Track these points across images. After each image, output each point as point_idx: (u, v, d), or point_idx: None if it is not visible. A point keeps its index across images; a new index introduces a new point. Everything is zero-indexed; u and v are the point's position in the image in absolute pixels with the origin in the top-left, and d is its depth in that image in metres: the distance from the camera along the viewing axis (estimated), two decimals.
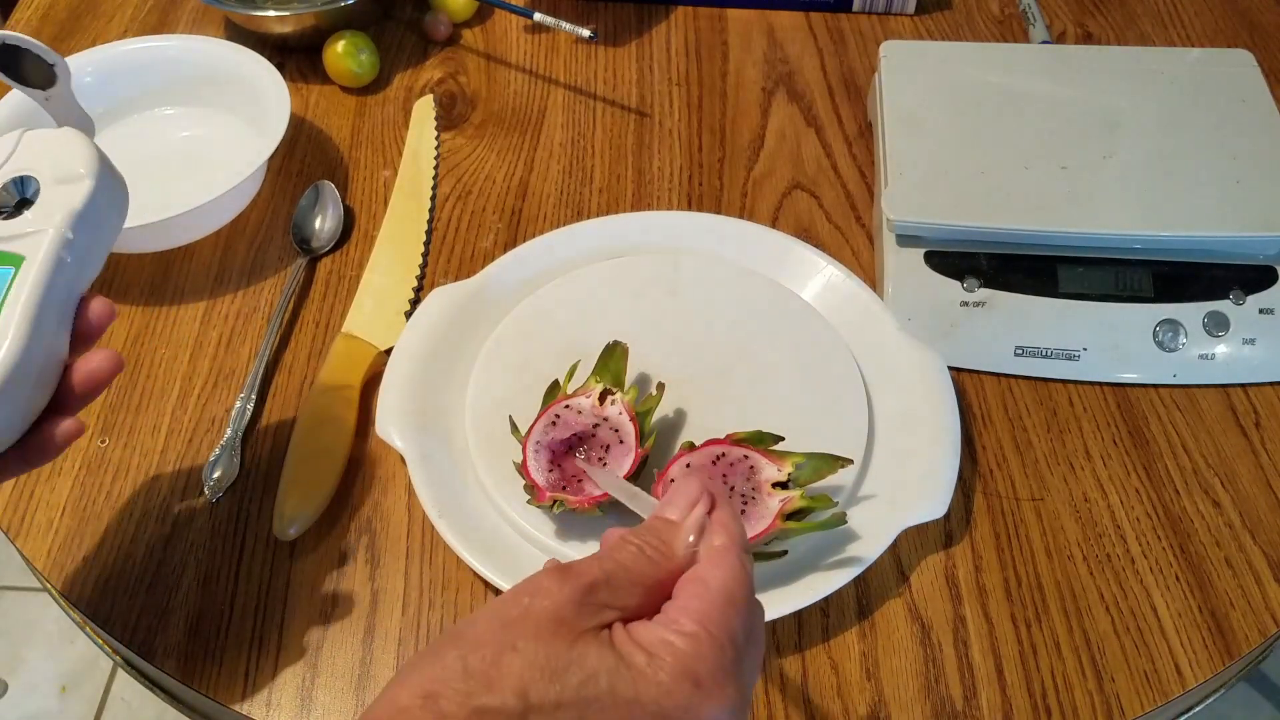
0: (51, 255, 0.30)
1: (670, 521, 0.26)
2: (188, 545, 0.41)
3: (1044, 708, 0.37)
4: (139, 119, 0.57)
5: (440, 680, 0.22)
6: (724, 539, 0.25)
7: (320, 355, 0.48)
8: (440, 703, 0.21)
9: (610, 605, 0.23)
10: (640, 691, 0.22)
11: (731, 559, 0.24)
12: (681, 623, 0.23)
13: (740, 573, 0.24)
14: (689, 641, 0.23)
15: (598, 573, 0.24)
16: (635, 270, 0.48)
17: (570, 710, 0.21)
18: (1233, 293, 0.46)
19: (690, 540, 0.25)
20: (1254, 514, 0.42)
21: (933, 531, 0.41)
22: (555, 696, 0.21)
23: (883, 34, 0.63)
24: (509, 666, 0.22)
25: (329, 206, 0.53)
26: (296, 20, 0.59)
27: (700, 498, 0.26)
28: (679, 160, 0.56)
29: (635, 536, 0.25)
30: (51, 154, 0.32)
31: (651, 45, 0.63)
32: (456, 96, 0.60)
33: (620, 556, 0.24)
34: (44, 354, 0.30)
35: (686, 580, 0.24)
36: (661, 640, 0.23)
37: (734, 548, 0.25)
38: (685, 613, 0.23)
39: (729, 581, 0.24)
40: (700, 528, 0.25)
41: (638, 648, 0.23)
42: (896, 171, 0.48)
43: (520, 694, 0.21)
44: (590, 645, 0.22)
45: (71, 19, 0.65)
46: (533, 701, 0.21)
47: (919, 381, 0.43)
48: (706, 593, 0.24)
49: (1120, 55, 0.55)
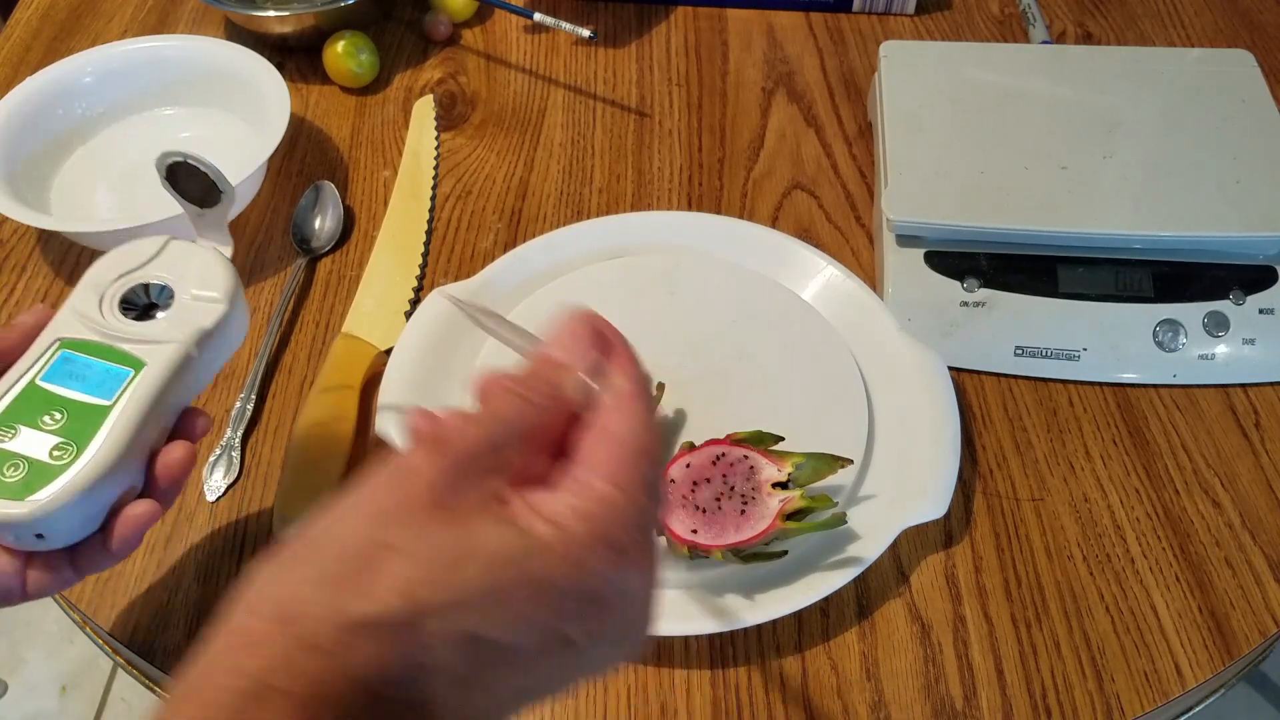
0: (172, 368, 0.31)
1: (560, 364, 0.21)
2: (188, 545, 0.41)
3: (1044, 708, 0.37)
4: (139, 119, 0.57)
5: (298, 597, 0.17)
6: (625, 381, 0.21)
7: (320, 355, 0.48)
8: (304, 624, 0.17)
9: (497, 470, 0.20)
10: (553, 570, 0.18)
11: (638, 404, 0.21)
12: (592, 484, 0.19)
13: (647, 417, 0.21)
14: (603, 505, 0.19)
15: (478, 435, 0.20)
16: (635, 270, 0.48)
17: (473, 609, 0.18)
18: (1233, 293, 0.46)
19: (584, 383, 0.21)
20: (1254, 514, 0.42)
21: (933, 531, 0.41)
22: (452, 594, 0.17)
23: (883, 34, 0.63)
24: (386, 568, 0.17)
25: (329, 207, 0.53)
26: (296, 20, 0.59)
27: (591, 332, 0.22)
28: (679, 160, 0.56)
29: (519, 385, 0.21)
30: (193, 269, 0.33)
31: (651, 45, 0.63)
32: (456, 96, 0.60)
33: (504, 412, 0.20)
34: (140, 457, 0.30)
35: (590, 431, 0.20)
36: (571, 507, 0.19)
37: (639, 392, 0.21)
38: (595, 471, 0.19)
39: (638, 429, 0.20)
40: (595, 368, 0.21)
41: (543, 520, 0.19)
42: (896, 171, 0.48)
43: (407, 596, 0.17)
44: (485, 525, 0.18)
45: (71, 19, 0.65)
46: (424, 604, 0.17)
47: (919, 382, 0.43)
48: (616, 446, 0.20)
49: (1120, 55, 0.55)
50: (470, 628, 0.18)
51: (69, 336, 0.31)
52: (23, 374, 0.30)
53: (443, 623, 0.17)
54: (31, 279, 0.51)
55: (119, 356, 0.31)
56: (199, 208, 0.35)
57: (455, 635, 0.18)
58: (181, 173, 0.34)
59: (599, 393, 0.21)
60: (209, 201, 0.35)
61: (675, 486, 0.37)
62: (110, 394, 0.30)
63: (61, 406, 0.29)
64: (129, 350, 0.31)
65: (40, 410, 0.29)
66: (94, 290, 0.32)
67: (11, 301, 0.51)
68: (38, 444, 0.29)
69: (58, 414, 0.29)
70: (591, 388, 0.21)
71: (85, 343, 0.31)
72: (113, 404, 0.30)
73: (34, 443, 0.29)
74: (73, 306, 0.32)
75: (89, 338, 0.31)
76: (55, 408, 0.29)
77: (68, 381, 0.30)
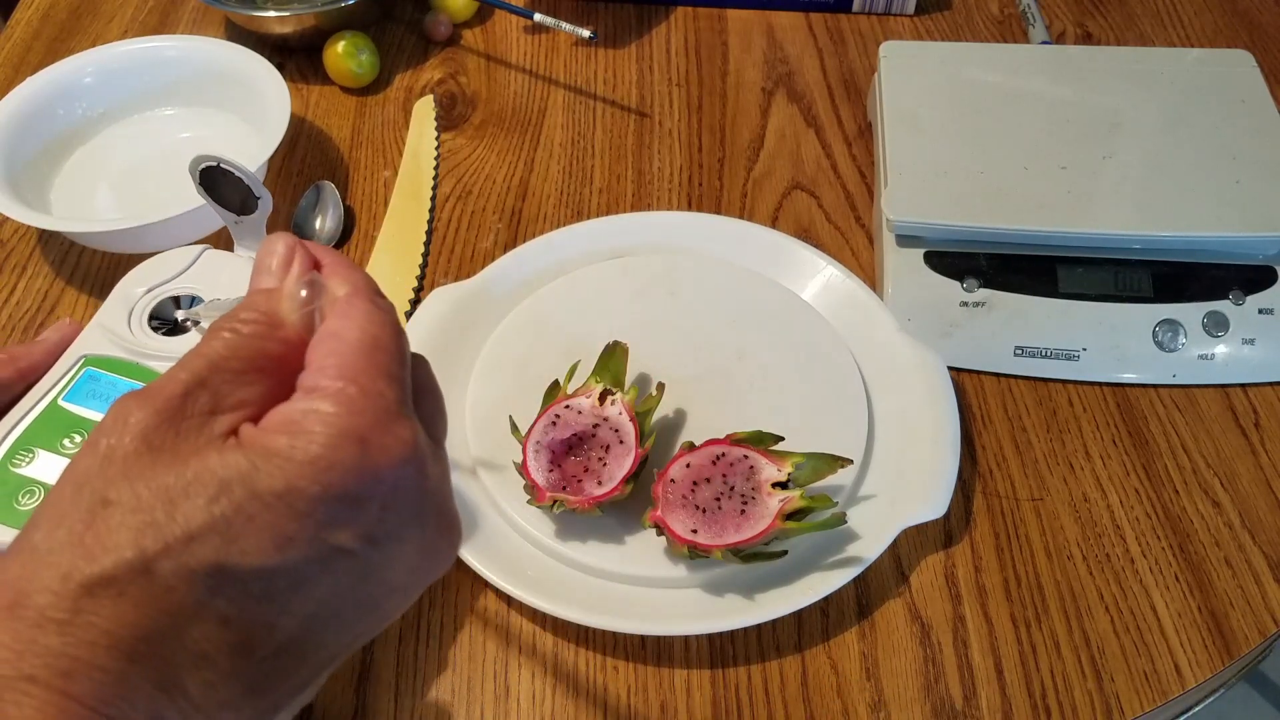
0: None
1: (268, 290, 0.20)
2: None
3: (1043, 707, 0.37)
4: (139, 119, 0.57)
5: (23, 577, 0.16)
6: (345, 287, 0.20)
7: None
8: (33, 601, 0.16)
9: (219, 409, 0.18)
10: (292, 477, 0.17)
11: (362, 304, 0.20)
12: (320, 383, 0.18)
13: (378, 314, 0.20)
14: (335, 401, 0.18)
15: (185, 377, 0.18)
16: (635, 270, 0.48)
17: (208, 536, 0.16)
18: (1232, 293, 0.46)
19: (301, 299, 0.20)
20: (1253, 514, 0.42)
21: (932, 531, 0.41)
22: (180, 530, 0.16)
23: (882, 34, 0.63)
24: (107, 524, 0.16)
25: (329, 207, 0.53)
26: (297, 20, 0.59)
27: (294, 252, 0.21)
28: (679, 160, 0.56)
29: (226, 321, 0.20)
30: (227, 278, 0.32)
31: (651, 46, 0.63)
32: (457, 97, 0.60)
33: (211, 349, 0.19)
34: None
35: (315, 342, 0.19)
36: (301, 411, 0.18)
37: (362, 292, 0.20)
38: (323, 373, 0.18)
39: (366, 326, 0.19)
40: (307, 283, 0.20)
41: (272, 433, 0.18)
42: (896, 172, 0.48)
43: (135, 546, 0.16)
44: (206, 456, 0.17)
45: (72, 19, 0.65)
46: (151, 548, 0.16)
47: (919, 381, 0.43)
48: (342, 345, 0.19)
49: (1120, 55, 0.55)
50: (211, 559, 0.16)
51: (95, 354, 0.30)
52: (44, 394, 0.29)
53: (177, 561, 0.16)
54: (32, 279, 0.51)
55: (145, 374, 0.29)
56: (235, 215, 0.34)
57: (198, 571, 0.16)
58: (215, 178, 0.34)
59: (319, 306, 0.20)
60: (245, 209, 0.34)
61: (675, 486, 0.37)
62: None
63: (82, 428, 0.28)
64: (156, 368, 0.29)
65: (60, 433, 0.28)
66: (123, 305, 0.31)
67: (12, 302, 0.51)
68: (55, 469, 0.27)
69: (78, 436, 0.28)
70: (306, 300, 0.20)
71: (112, 360, 0.29)
72: None
73: (51, 468, 0.27)
74: (100, 322, 0.31)
75: (116, 355, 0.29)
76: (76, 429, 0.28)
77: (90, 401, 0.29)
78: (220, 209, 0.34)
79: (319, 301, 0.20)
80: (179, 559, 0.16)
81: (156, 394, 0.18)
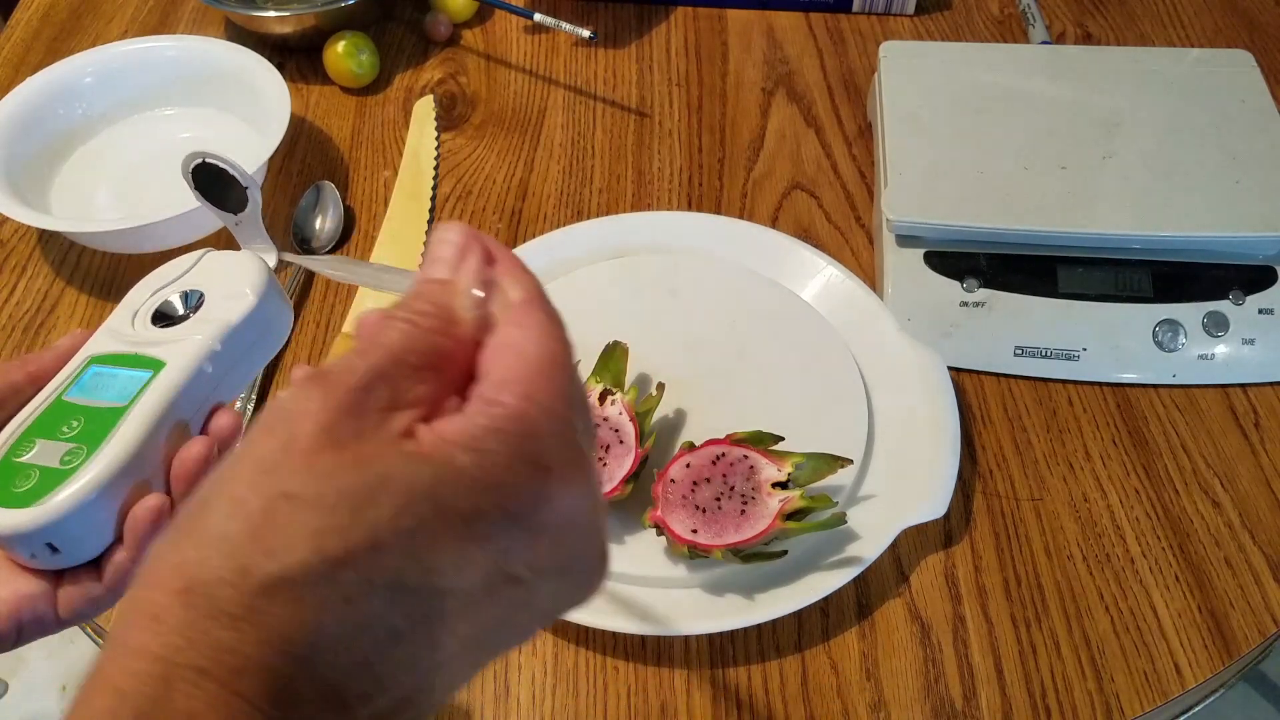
0: (192, 365, 0.30)
1: (443, 281, 0.20)
2: None
3: (1043, 708, 0.37)
4: (139, 119, 0.57)
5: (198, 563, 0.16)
6: (520, 292, 0.19)
7: (321, 356, 0.48)
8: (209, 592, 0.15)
9: (396, 405, 0.17)
10: (473, 497, 0.17)
11: (539, 314, 0.19)
12: (503, 400, 0.18)
13: (553, 328, 0.19)
14: (517, 422, 0.17)
15: (365, 368, 0.18)
16: (635, 270, 0.48)
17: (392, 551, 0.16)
18: (1232, 293, 0.46)
19: (475, 297, 0.19)
20: (1253, 514, 0.42)
21: (932, 531, 0.41)
22: (367, 537, 0.16)
23: (882, 34, 0.63)
24: (288, 520, 0.16)
25: (329, 207, 0.53)
26: (297, 20, 0.59)
27: (470, 245, 0.20)
28: (679, 161, 0.56)
29: (403, 311, 0.19)
30: (226, 273, 0.32)
31: (651, 46, 0.63)
32: (457, 97, 0.60)
33: (389, 339, 0.18)
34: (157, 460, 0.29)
35: (493, 350, 0.19)
36: (484, 428, 0.17)
37: (536, 300, 0.19)
38: (503, 388, 0.18)
39: (544, 340, 0.19)
40: (482, 280, 0.19)
41: (455, 446, 0.17)
42: (896, 172, 0.48)
43: (316, 548, 0.16)
44: (390, 460, 0.17)
45: (72, 19, 0.65)
46: (336, 553, 0.16)
47: (919, 382, 0.43)
48: (522, 360, 0.18)
49: (1120, 55, 0.55)
50: (393, 572, 0.16)
51: (99, 352, 0.30)
52: (51, 393, 0.29)
53: (361, 571, 0.16)
54: (32, 279, 0.51)
55: (141, 361, 0.30)
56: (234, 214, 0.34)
57: (379, 583, 0.16)
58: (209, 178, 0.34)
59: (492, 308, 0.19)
60: (242, 205, 0.34)
61: (675, 486, 0.37)
62: (127, 396, 0.29)
63: (80, 415, 0.29)
64: (152, 354, 0.30)
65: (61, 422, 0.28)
66: (129, 309, 0.32)
67: (12, 302, 0.51)
68: (51, 452, 0.28)
69: (75, 422, 0.28)
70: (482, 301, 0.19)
71: (112, 355, 0.30)
72: (128, 405, 0.29)
73: (48, 452, 0.28)
74: (107, 326, 0.31)
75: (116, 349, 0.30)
76: (75, 417, 0.29)
77: (91, 393, 0.29)
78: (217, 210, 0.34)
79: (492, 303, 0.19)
80: (362, 569, 0.16)
81: (337, 383, 0.17)
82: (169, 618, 0.15)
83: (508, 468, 0.17)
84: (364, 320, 0.19)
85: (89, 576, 0.28)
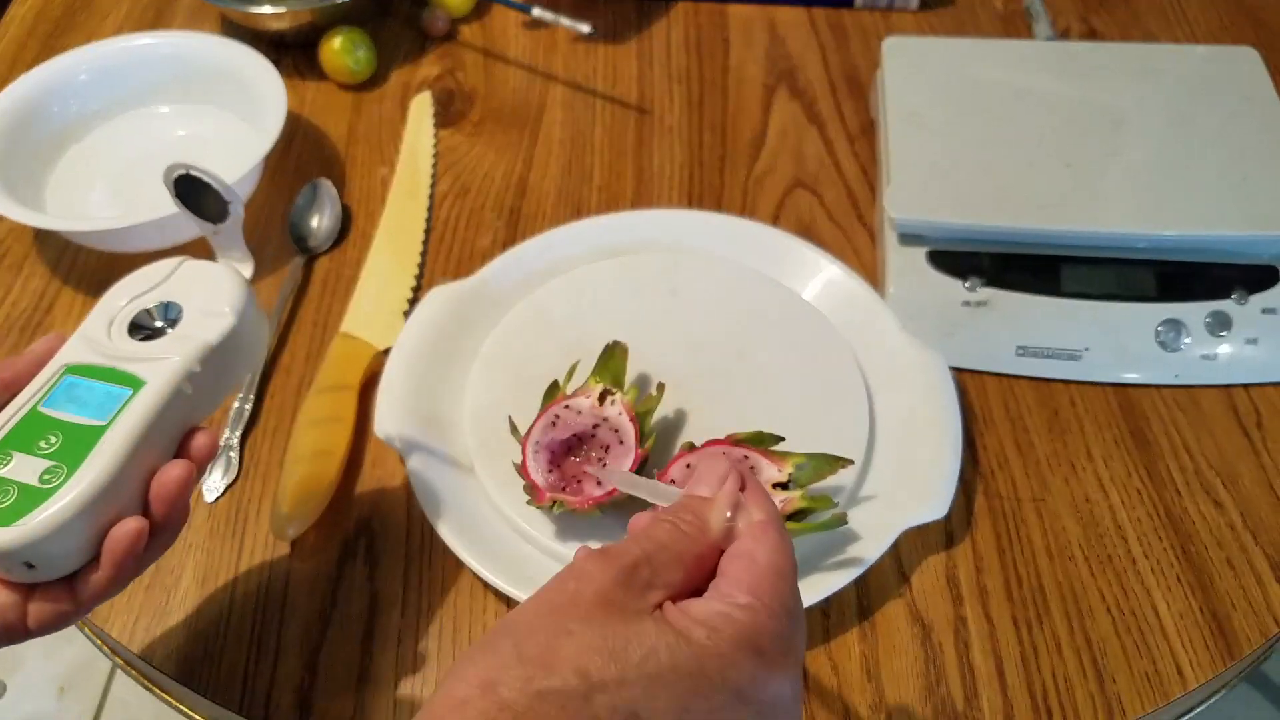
0: (171, 385, 0.30)
1: (703, 498, 0.26)
2: (187, 546, 0.41)
3: (1045, 709, 0.37)
4: (134, 116, 0.56)
5: (497, 669, 0.21)
6: (762, 514, 0.25)
7: (318, 355, 0.47)
8: (500, 691, 0.21)
9: (654, 585, 0.23)
10: (705, 665, 0.22)
11: (773, 533, 0.25)
12: (736, 596, 0.23)
13: (783, 545, 0.24)
14: (746, 613, 0.23)
15: (637, 552, 0.23)
16: (635, 270, 0.47)
17: (634, 687, 0.21)
18: (1235, 292, 0.45)
19: (727, 515, 0.25)
20: (1256, 515, 0.42)
21: (933, 532, 0.41)
22: (617, 674, 0.21)
23: (885, 30, 0.62)
24: (565, 649, 0.21)
25: (326, 205, 0.53)
26: (293, 16, 0.59)
27: (729, 473, 0.26)
28: (679, 158, 0.56)
29: (669, 515, 0.25)
30: (204, 285, 0.32)
31: (651, 41, 0.62)
32: (454, 93, 0.60)
33: (657, 534, 0.24)
34: (136, 481, 0.29)
35: (732, 556, 0.24)
36: (719, 613, 0.23)
37: (774, 522, 0.25)
38: (738, 586, 0.23)
39: (775, 554, 0.24)
40: (735, 502, 0.25)
41: (695, 622, 0.22)
42: (899, 169, 0.48)
43: (581, 674, 0.21)
44: (645, 622, 0.22)
45: (66, 15, 0.64)
46: (595, 680, 0.21)
47: (920, 381, 0.43)
48: (754, 566, 0.24)
49: (1125, 52, 0.54)
50: (631, 703, 0.21)
51: (75, 362, 0.30)
52: (26, 401, 0.29)
53: (610, 698, 0.21)
54: (28, 279, 0.51)
55: (120, 377, 0.30)
56: (213, 224, 0.34)
57: (619, 709, 0.21)
58: (190, 187, 0.34)
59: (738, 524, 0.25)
60: (223, 216, 0.34)
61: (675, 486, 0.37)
62: (106, 415, 0.29)
63: (58, 430, 0.28)
64: (130, 370, 0.30)
65: (37, 436, 0.28)
66: (104, 316, 0.31)
67: (8, 302, 0.50)
68: (30, 469, 0.27)
69: (53, 438, 0.28)
70: (730, 517, 0.25)
71: (89, 366, 0.30)
72: (107, 424, 0.28)
73: (26, 468, 0.28)
74: (82, 333, 0.31)
75: (93, 361, 0.30)
76: (52, 431, 0.28)
77: (68, 406, 0.29)
78: (199, 220, 0.34)
79: (739, 520, 0.25)
80: (611, 695, 0.21)
81: (615, 560, 0.23)
82: (471, 705, 0.21)
83: (733, 647, 0.22)
84: (637, 519, 0.26)
85: (61, 591, 0.28)
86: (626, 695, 0.21)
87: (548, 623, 0.22)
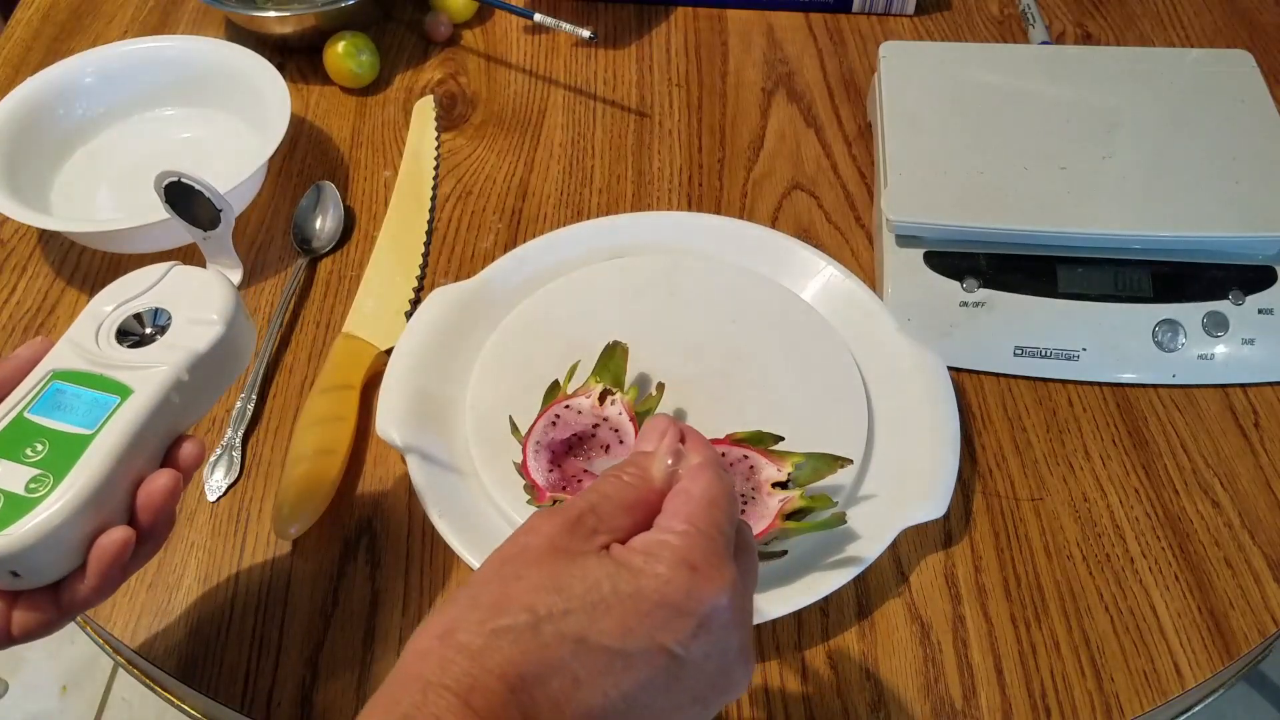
0: (159, 394, 0.29)
1: (646, 453, 0.28)
2: (188, 545, 0.41)
3: (1043, 707, 0.37)
4: (139, 119, 0.57)
5: (454, 618, 0.23)
6: (699, 457, 0.27)
7: (321, 355, 0.48)
8: (458, 636, 0.23)
9: (600, 530, 0.25)
10: (641, 585, 0.24)
11: (708, 471, 0.27)
12: (671, 524, 0.25)
13: (717, 480, 0.26)
14: (680, 537, 0.25)
15: (583, 504, 0.26)
16: (635, 270, 0.48)
17: (578, 615, 0.23)
18: (1232, 293, 0.46)
19: (667, 464, 0.27)
20: (1253, 514, 0.42)
21: (932, 531, 0.41)
22: (563, 605, 0.23)
23: (882, 34, 0.63)
24: (515, 591, 0.24)
25: (330, 207, 0.53)
26: (297, 21, 0.59)
27: (669, 429, 0.28)
28: (679, 161, 0.56)
29: (614, 470, 0.27)
30: (193, 292, 0.32)
31: (651, 46, 0.63)
32: (457, 97, 0.60)
33: (602, 487, 0.27)
34: (122, 490, 0.29)
35: (671, 496, 0.27)
36: (656, 541, 0.25)
37: (710, 463, 0.27)
38: (675, 517, 0.25)
39: (708, 487, 0.26)
40: (674, 452, 0.27)
41: (634, 552, 0.25)
42: (896, 172, 0.48)
43: (530, 609, 0.23)
44: (589, 559, 0.24)
45: (72, 19, 0.65)
46: (542, 613, 0.23)
47: (919, 381, 0.43)
48: (690, 499, 0.26)
49: (1119, 56, 0.55)
50: (577, 630, 0.23)
51: (62, 368, 0.30)
52: (12, 407, 0.29)
53: (556, 626, 0.23)
54: (33, 280, 0.51)
55: (108, 384, 0.29)
56: (203, 230, 0.34)
57: (567, 636, 0.23)
58: (181, 193, 0.34)
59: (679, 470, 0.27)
60: (214, 223, 0.34)
61: None
62: (93, 423, 0.28)
63: (45, 438, 0.28)
64: (118, 378, 0.29)
65: (24, 443, 0.28)
66: (92, 320, 0.31)
67: (12, 302, 0.51)
68: (16, 477, 0.27)
69: (40, 445, 0.28)
70: (671, 465, 0.27)
71: (76, 373, 0.30)
72: (94, 433, 0.28)
73: (12, 476, 0.27)
74: (69, 337, 0.31)
75: (81, 367, 0.30)
76: (39, 439, 0.28)
77: (55, 413, 0.29)
78: (189, 226, 0.34)
79: (679, 466, 0.27)
80: (557, 624, 0.23)
81: (562, 512, 0.25)
82: (432, 654, 0.23)
83: (668, 566, 0.24)
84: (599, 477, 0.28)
85: (45, 599, 0.28)
86: (572, 623, 0.23)
87: (501, 572, 0.24)
